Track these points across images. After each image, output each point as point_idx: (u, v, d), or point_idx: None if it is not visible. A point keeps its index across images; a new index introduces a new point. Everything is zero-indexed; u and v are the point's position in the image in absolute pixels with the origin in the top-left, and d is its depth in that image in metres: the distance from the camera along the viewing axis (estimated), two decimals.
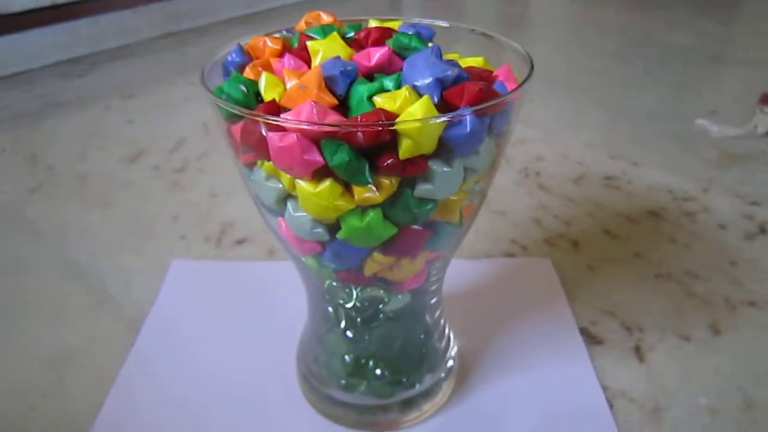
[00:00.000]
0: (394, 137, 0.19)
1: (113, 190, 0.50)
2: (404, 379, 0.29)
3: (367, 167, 0.19)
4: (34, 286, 0.40)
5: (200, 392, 0.32)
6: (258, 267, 0.41)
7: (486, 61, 0.24)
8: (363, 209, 0.21)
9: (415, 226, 0.22)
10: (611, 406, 0.30)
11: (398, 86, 0.20)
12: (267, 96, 0.21)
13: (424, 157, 0.19)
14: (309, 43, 0.22)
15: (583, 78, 0.70)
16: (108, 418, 0.30)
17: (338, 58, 0.21)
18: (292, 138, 0.18)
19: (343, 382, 0.29)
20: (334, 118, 0.19)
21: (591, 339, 0.34)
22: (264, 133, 0.19)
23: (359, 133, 0.18)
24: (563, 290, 0.38)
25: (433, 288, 0.28)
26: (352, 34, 0.23)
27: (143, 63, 0.79)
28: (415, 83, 0.19)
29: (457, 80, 0.20)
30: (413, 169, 0.19)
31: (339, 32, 0.23)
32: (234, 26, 0.89)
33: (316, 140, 0.19)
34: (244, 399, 0.31)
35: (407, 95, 0.19)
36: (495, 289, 0.38)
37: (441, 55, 0.20)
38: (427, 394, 0.30)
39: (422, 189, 0.20)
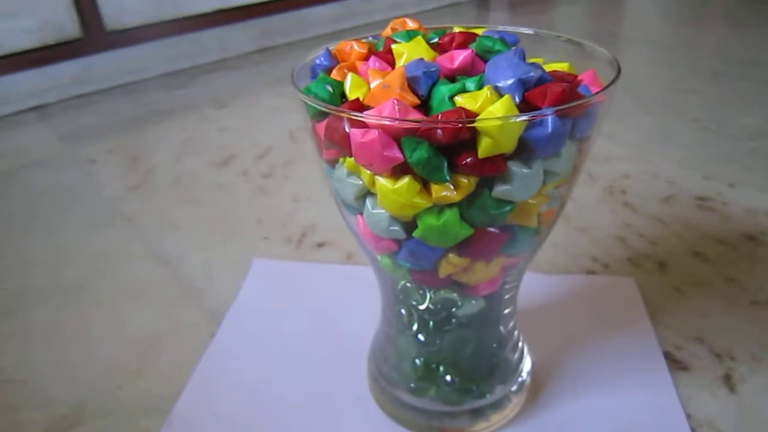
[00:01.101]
0: (474, 136, 0.19)
1: (204, 191, 0.53)
2: (474, 388, 0.29)
3: (445, 165, 0.19)
4: (127, 274, 0.43)
5: (273, 387, 0.33)
6: (336, 270, 0.42)
7: (571, 67, 0.23)
8: (440, 208, 0.21)
9: (492, 229, 0.22)
10: None
11: (480, 87, 0.20)
12: (351, 95, 0.22)
13: (504, 158, 0.19)
14: (394, 46, 0.22)
15: (676, 96, 0.67)
16: (186, 405, 0.32)
17: (422, 60, 0.21)
18: (373, 134, 0.19)
19: (412, 385, 0.29)
20: (415, 116, 0.19)
21: (675, 364, 0.33)
22: (347, 129, 0.20)
23: (439, 131, 0.18)
24: (646, 311, 0.36)
25: (508, 296, 0.28)
26: (436, 39, 0.24)
27: (237, 75, 0.84)
28: (497, 84, 0.19)
29: (540, 82, 0.20)
30: (492, 169, 0.19)
31: (423, 37, 0.23)
32: (323, 41, 0.93)
33: (396, 137, 0.19)
34: (315, 396, 0.32)
35: (488, 95, 0.19)
36: (573, 305, 0.37)
37: (524, 58, 0.20)
38: (497, 405, 0.29)
39: (500, 190, 0.20)
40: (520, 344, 0.31)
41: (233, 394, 0.32)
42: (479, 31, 0.25)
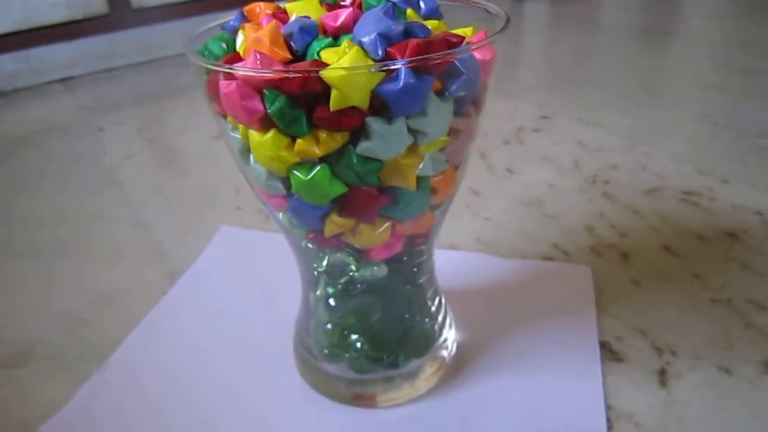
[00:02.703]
0: (329, 90, 0.19)
1: (194, 162, 0.55)
2: (384, 357, 0.29)
3: (304, 118, 0.19)
4: (103, 235, 0.45)
5: (208, 348, 0.33)
6: None
7: (476, 31, 0.23)
8: (312, 165, 0.21)
9: (368, 188, 0.21)
10: (610, 427, 0.27)
11: None
12: (240, 51, 0.22)
13: (360, 112, 0.19)
14: (287, 5, 0.23)
15: (693, 90, 0.64)
16: (123, 354, 0.33)
17: (303, 17, 0.21)
18: (232, 85, 0.19)
19: (325, 351, 0.29)
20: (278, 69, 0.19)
21: (611, 354, 0.31)
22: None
23: (290, 82, 0.19)
24: (594, 300, 0.35)
25: (417, 267, 0.27)
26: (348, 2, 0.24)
27: None
28: (361, 39, 0.19)
29: (408, 37, 0.19)
30: (347, 123, 0.19)
31: None
32: None
33: (259, 90, 0.20)
34: (245, 361, 0.32)
35: (346, 49, 0.19)
36: (520, 289, 0.36)
37: (393, 13, 0.20)
38: (410, 376, 0.29)
39: (363, 146, 0.20)
40: (440, 318, 0.30)
41: (169, 350, 0.33)
42: None
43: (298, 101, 0.19)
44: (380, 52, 0.19)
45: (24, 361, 0.33)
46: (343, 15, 0.21)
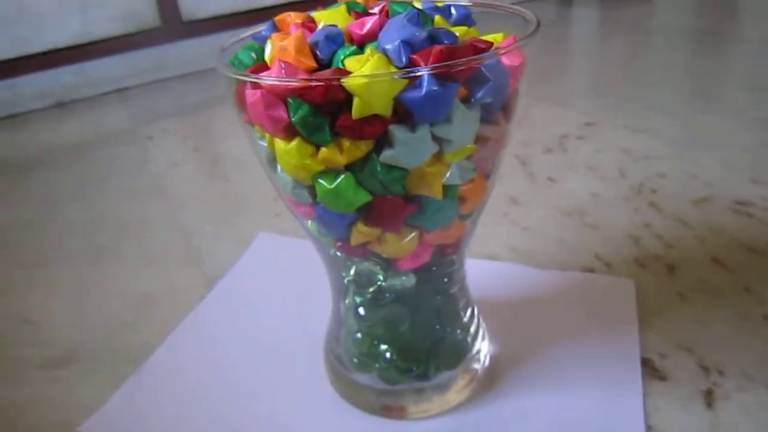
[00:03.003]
0: (351, 98, 0.19)
1: (235, 169, 0.56)
2: (414, 368, 0.28)
3: (327, 126, 0.19)
4: (144, 241, 0.46)
5: (241, 355, 0.34)
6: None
7: (506, 37, 0.22)
8: (336, 173, 0.21)
9: (394, 197, 0.21)
10: None
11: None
12: (268, 60, 0.22)
13: (383, 120, 0.19)
14: (314, 14, 0.23)
15: (746, 95, 0.61)
16: (159, 359, 0.34)
17: (330, 26, 0.21)
18: (257, 94, 0.20)
19: (355, 360, 0.29)
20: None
21: (653, 372, 0.30)
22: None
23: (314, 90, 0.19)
24: (637, 315, 0.33)
25: (447, 276, 0.27)
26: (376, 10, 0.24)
27: None
28: (385, 47, 0.19)
29: (433, 44, 0.19)
30: (370, 131, 0.19)
31: (348, 5, 0.23)
32: None
33: (283, 98, 0.20)
34: (277, 370, 0.32)
35: (369, 57, 0.19)
36: (557, 302, 0.35)
37: (418, 20, 0.19)
38: (440, 388, 0.29)
39: (386, 154, 0.20)
40: (473, 329, 0.29)
41: (204, 356, 0.34)
42: (418, 3, 0.24)
43: (321, 110, 0.19)
44: (404, 59, 0.19)
45: (66, 362, 0.35)
46: (369, 23, 0.21)
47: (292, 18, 0.25)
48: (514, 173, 0.49)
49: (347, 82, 0.18)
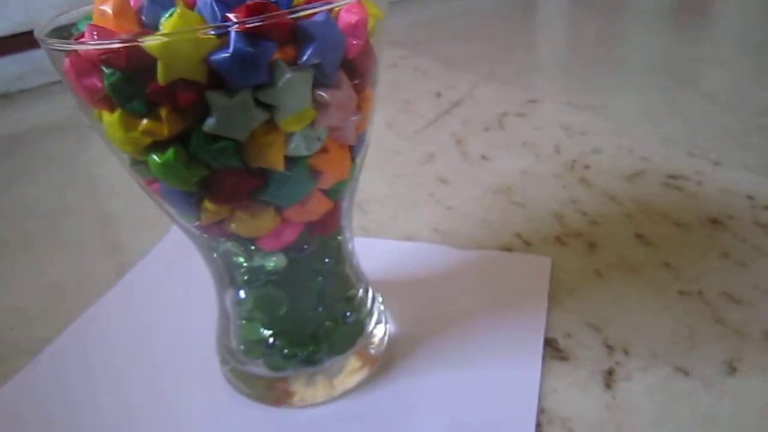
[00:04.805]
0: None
1: None
2: (299, 353, 0.27)
3: (141, 94, 0.18)
4: (67, 229, 0.44)
5: (141, 347, 0.32)
6: None
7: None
8: (166, 146, 0.19)
9: (234, 171, 0.20)
10: None
11: None
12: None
13: (195, 85, 0.17)
14: None
15: (697, 69, 0.59)
16: (56, 350, 0.32)
17: None
18: (67, 61, 0.18)
19: (242, 347, 0.28)
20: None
21: (555, 352, 0.29)
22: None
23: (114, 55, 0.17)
24: (547, 294, 0.32)
25: (329, 257, 0.25)
26: None
27: None
28: (199, 6, 0.18)
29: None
30: (183, 98, 0.17)
31: None
32: None
33: (98, 66, 0.18)
34: (173, 364, 0.31)
35: (177, 17, 0.17)
36: (470, 281, 0.34)
37: None
38: (330, 374, 0.27)
39: (208, 124, 0.18)
40: (365, 312, 0.28)
41: (101, 348, 0.32)
42: None
43: (132, 76, 0.18)
44: (219, 18, 0.17)
45: None
46: None
47: None
48: (448, 152, 0.48)
49: (145, 43, 0.16)
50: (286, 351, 0.27)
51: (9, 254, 0.42)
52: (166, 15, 0.18)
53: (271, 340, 0.27)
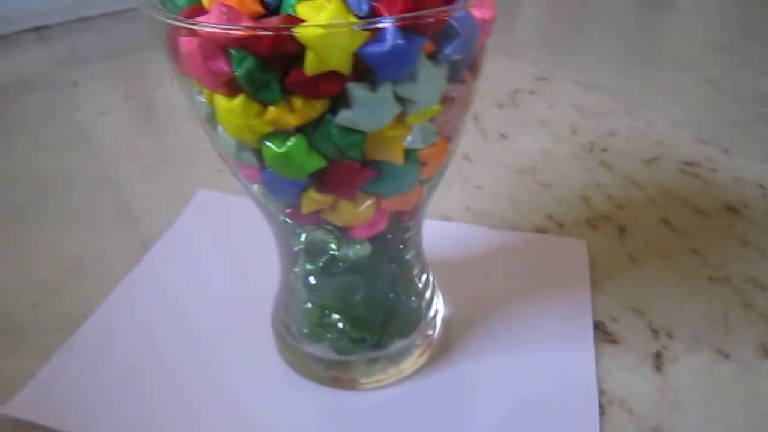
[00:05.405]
0: (305, 51, 0.16)
1: (174, 120, 0.52)
2: (368, 338, 0.27)
3: (277, 82, 0.17)
4: (74, 197, 0.42)
5: (182, 324, 0.31)
6: None
7: None
8: (286, 135, 0.19)
9: (350, 162, 0.19)
10: (602, 413, 0.26)
11: None
12: (205, 2, 0.19)
13: (341, 77, 0.17)
14: None
15: (698, 53, 0.61)
16: (91, 329, 0.31)
17: None
18: (193, 43, 0.17)
19: (305, 330, 0.28)
20: (247, 24, 0.17)
21: (605, 335, 0.30)
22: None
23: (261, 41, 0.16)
24: (589, 277, 0.33)
25: (403, 244, 0.25)
26: None
27: None
28: None
29: None
30: (326, 89, 0.17)
31: None
32: None
33: (225, 48, 0.17)
34: (221, 340, 0.30)
35: (326, 3, 0.16)
36: (513, 263, 0.34)
37: None
38: (395, 358, 0.28)
39: (343, 116, 0.18)
40: (428, 296, 0.28)
41: (140, 325, 0.32)
42: None
43: (270, 63, 0.17)
44: (365, 8, 0.17)
45: None
46: None
47: None
48: (466, 129, 0.48)
49: (300, 32, 0.16)
50: (355, 336, 0.27)
51: (6, 224, 0.40)
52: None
53: (340, 325, 0.27)
